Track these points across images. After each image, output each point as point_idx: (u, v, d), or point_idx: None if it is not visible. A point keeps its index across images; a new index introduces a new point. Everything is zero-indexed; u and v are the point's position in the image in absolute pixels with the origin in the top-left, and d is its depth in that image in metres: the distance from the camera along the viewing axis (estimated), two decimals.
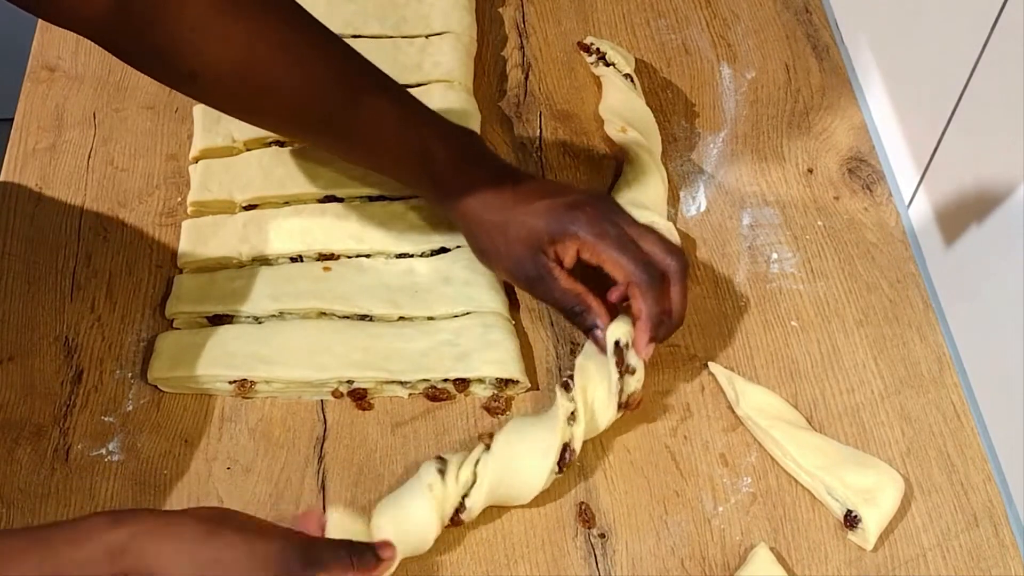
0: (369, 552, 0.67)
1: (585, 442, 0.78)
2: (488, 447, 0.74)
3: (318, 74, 0.79)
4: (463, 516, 0.73)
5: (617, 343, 0.76)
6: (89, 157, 0.93)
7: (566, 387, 0.76)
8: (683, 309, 0.78)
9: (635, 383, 0.77)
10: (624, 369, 0.76)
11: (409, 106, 0.82)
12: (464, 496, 0.73)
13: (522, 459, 0.74)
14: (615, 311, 0.78)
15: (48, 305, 0.85)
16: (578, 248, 0.77)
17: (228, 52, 0.76)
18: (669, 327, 0.78)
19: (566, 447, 0.74)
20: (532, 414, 0.78)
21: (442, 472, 0.72)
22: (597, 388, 0.76)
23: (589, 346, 0.79)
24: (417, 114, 0.82)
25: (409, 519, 0.72)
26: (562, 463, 0.75)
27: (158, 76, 0.81)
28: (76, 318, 0.84)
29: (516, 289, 0.87)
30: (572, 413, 0.75)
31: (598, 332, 0.77)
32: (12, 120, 0.95)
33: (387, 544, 0.69)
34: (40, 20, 1.02)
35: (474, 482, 0.73)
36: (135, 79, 0.98)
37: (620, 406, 0.77)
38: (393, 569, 0.69)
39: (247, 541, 0.63)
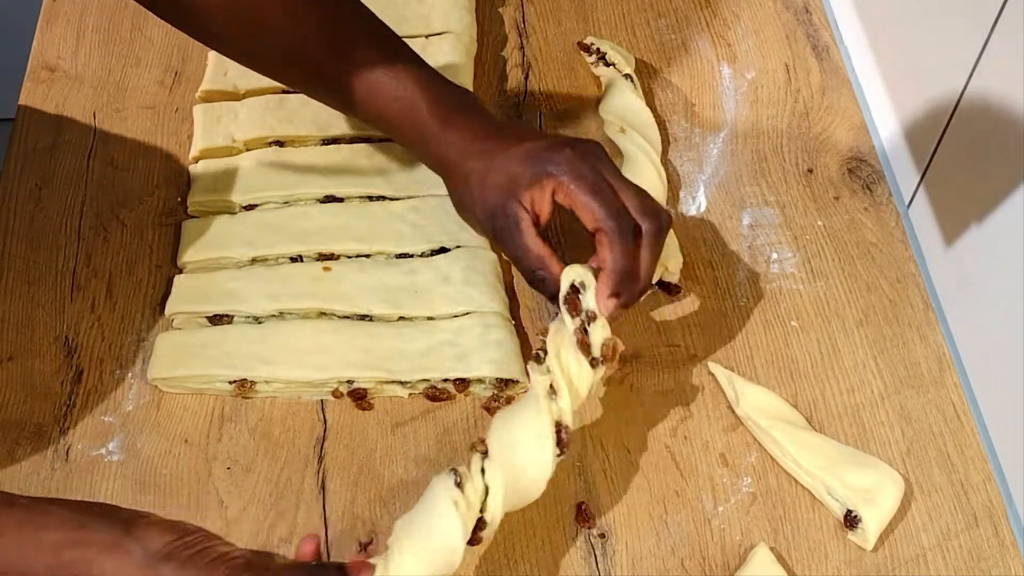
0: (335, 574, 0.64)
1: (585, 442, 0.78)
2: (485, 453, 0.69)
3: (311, 19, 0.79)
4: (483, 533, 0.67)
5: (573, 285, 0.72)
6: (89, 157, 0.93)
7: (537, 358, 0.72)
8: (650, 272, 0.74)
9: (600, 330, 0.71)
10: (584, 317, 0.71)
11: (402, 56, 0.81)
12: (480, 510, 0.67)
13: (522, 453, 0.69)
14: None
15: (48, 305, 0.85)
16: (553, 189, 0.74)
17: None
18: (632, 290, 0.73)
19: (559, 426, 0.70)
20: (513, 405, 0.73)
21: (460, 485, 0.67)
22: (570, 350, 0.71)
23: (559, 318, 0.74)
24: (409, 65, 0.81)
25: (438, 540, 0.66)
26: (561, 444, 0.70)
27: (159, 11, 0.82)
28: (76, 318, 0.84)
29: (516, 289, 0.87)
30: (551, 387, 0.70)
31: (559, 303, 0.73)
32: (12, 120, 0.95)
33: (364, 566, 0.64)
34: (40, 20, 1.02)
35: (486, 493, 0.68)
36: (135, 79, 0.99)
37: (595, 361, 0.71)
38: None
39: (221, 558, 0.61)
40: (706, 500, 0.77)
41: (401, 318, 0.83)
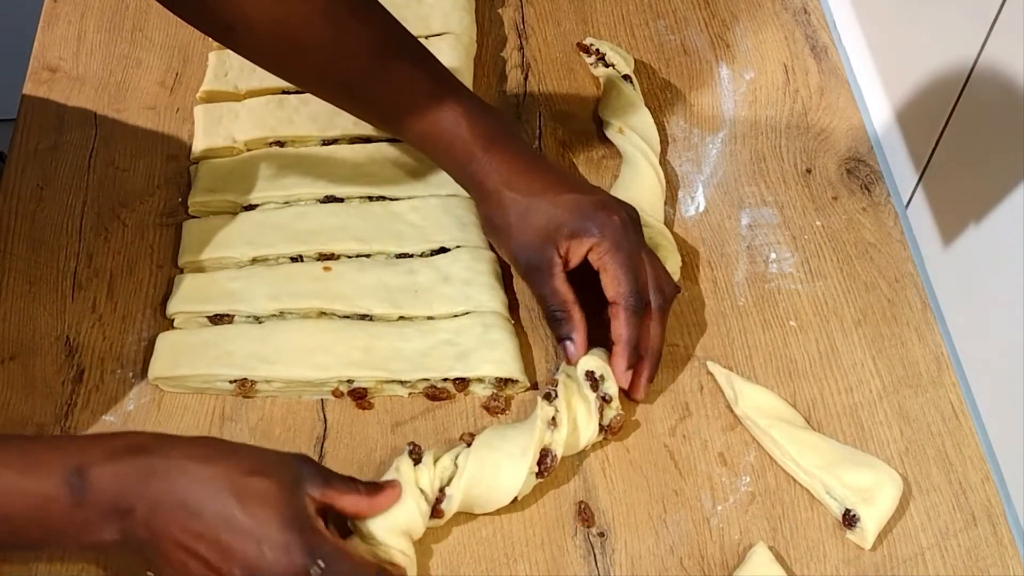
0: (375, 484, 0.71)
1: None
2: (469, 444, 0.75)
3: (351, 37, 0.80)
4: (443, 506, 0.73)
5: (592, 374, 0.78)
6: (90, 157, 0.93)
7: (548, 397, 0.77)
8: (659, 345, 0.80)
9: (614, 411, 0.78)
10: (601, 398, 0.77)
11: (442, 78, 0.83)
12: (443, 488, 0.73)
13: (500, 457, 0.74)
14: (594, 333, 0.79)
15: (49, 305, 0.85)
16: (591, 247, 0.78)
17: (266, 5, 0.77)
18: (650, 362, 0.79)
19: (546, 452, 0.75)
20: (515, 423, 0.79)
21: (414, 456, 0.73)
22: (580, 404, 0.77)
23: (567, 364, 0.80)
24: (450, 88, 0.82)
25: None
26: (543, 467, 0.75)
27: (196, 23, 0.83)
28: (77, 318, 0.84)
29: (516, 289, 0.87)
30: (553, 419, 0.76)
31: (570, 345, 0.79)
32: (14, 120, 0.95)
33: (393, 482, 0.71)
34: (41, 21, 1.02)
35: (454, 475, 0.74)
36: (136, 80, 0.99)
37: (601, 428, 0.77)
38: (400, 513, 0.71)
39: (262, 450, 0.68)
40: (705, 499, 0.77)
41: (401, 318, 0.84)
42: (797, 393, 0.82)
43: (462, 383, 0.81)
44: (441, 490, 0.73)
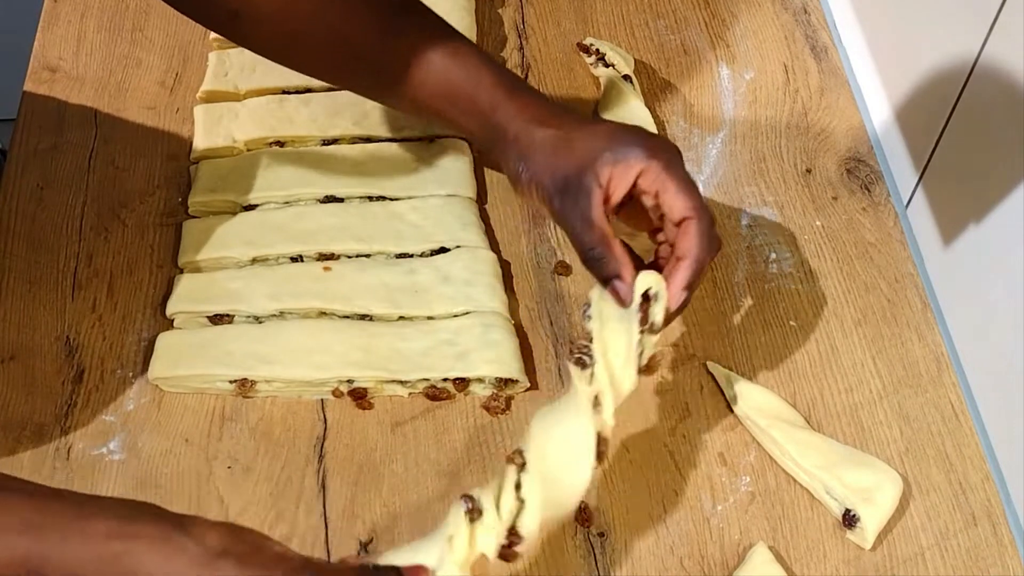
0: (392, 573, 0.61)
1: None
2: (523, 466, 0.65)
3: (360, 11, 0.79)
4: (520, 548, 0.63)
5: (646, 294, 0.69)
6: (90, 157, 0.93)
7: (581, 363, 0.68)
8: (706, 269, 0.72)
9: (654, 342, 0.69)
10: (646, 327, 0.69)
11: (454, 36, 0.80)
12: (513, 525, 0.64)
13: (560, 468, 0.66)
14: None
15: (49, 305, 0.85)
16: (639, 173, 0.71)
17: None
18: (699, 283, 0.71)
19: (600, 438, 0.66)
20: (551, 408, 0.69)
21: (471, 513, 0.63)
22: (617, 354, 0.68)
23: (603, 303, 0.70)
24: (463, 45, 0.80)
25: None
26: (600, 456, 0.66)
27: (200, 17, 0.82)
28: (77, 317, 0.84)
29: (515, 289, 0.87)
30: (596, 398, 0.67)
31: (619, 284, 0.69)
32: (14, 120, 0.96)
33: (420, 570, 0.61)
34: (41, 21, 1.02)
35: (520, 509, 0.64)
36: (136, 80, 0.99)
37: (640, 370, 0.69)
38: None
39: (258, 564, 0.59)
40: (705, 499, 0.77)
41: (401, 318, 0.84)
42: (797, 393, 0.82)
43: (462, 383, 0.81)
44: (513, 530, 0.63)
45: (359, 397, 0.81)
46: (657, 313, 0.69)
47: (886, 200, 0.93)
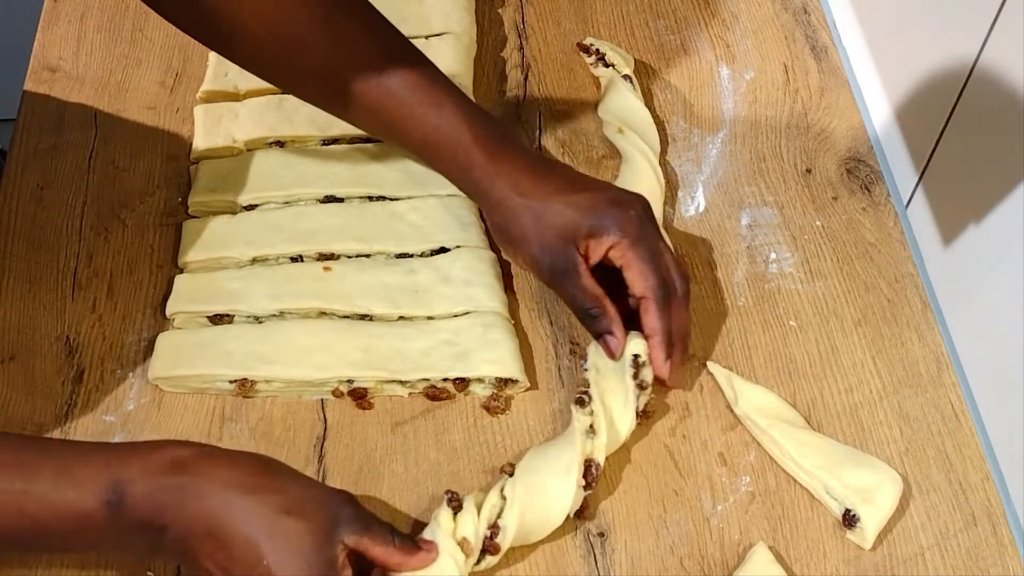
0: (408, 537, 0.69)
1: None
2: (511, 474, 0.74)
3: (350, 45, 0.80)
4: (498, 540, 0.72)
5: (636, 357, 0.77)
6: (90, 157, 0.93)
7: (581, 403, 0.76)
8: (688, 329, 0.80)
9: (644, 398, 0.78)
10: (639, 384, 0.77)
11: (442, 86, 0.82)
12: (496, 522, 0.72)
13: (546, 479, 0.73)
14: (628, 319, 0.79)
15: (49, 305, 0.85)
16: (611, 245, 0.78)
17: (264, 13, 0.77)
18: (681, 348, 0.79)
19: (590, 462, 0.74)
20: (551, 439, 0.78)
21: (453, 505, 0.72)
22: (614, 399, 0.77)
23: (597, 357, 0.79)
24: (450, 95, 0.82)
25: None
26: (589, 479, 0.74)
27: (194, 33, 0.83)
28: (77, 318, 0.84)
29: (515, 289, 0.87)
30: (591, 426, 0.75)
31: (611, 339, 0.78)
32: (14, 120, 0.96)
33: (430, 542, 0.70)
34: (41, 21, 1.02)
35: (502, 507, 0.72)
36: (136, 80, 0.99)
37: (637, 414, 0.77)
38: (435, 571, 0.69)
39: (301, 482, 0.68)
40: (705, 499, 0.77)
41: (401, 318, 0.84)
42: (797, 393, 0.82)
43: (462, 383, 0.81)
44: (494, 525, 0.72)
45: (359, 397, 0.81)
46: (646, 375, 0.77)
47: (886, 200, 0.93)
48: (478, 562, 0.72)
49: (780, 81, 1.01)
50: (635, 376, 0.77)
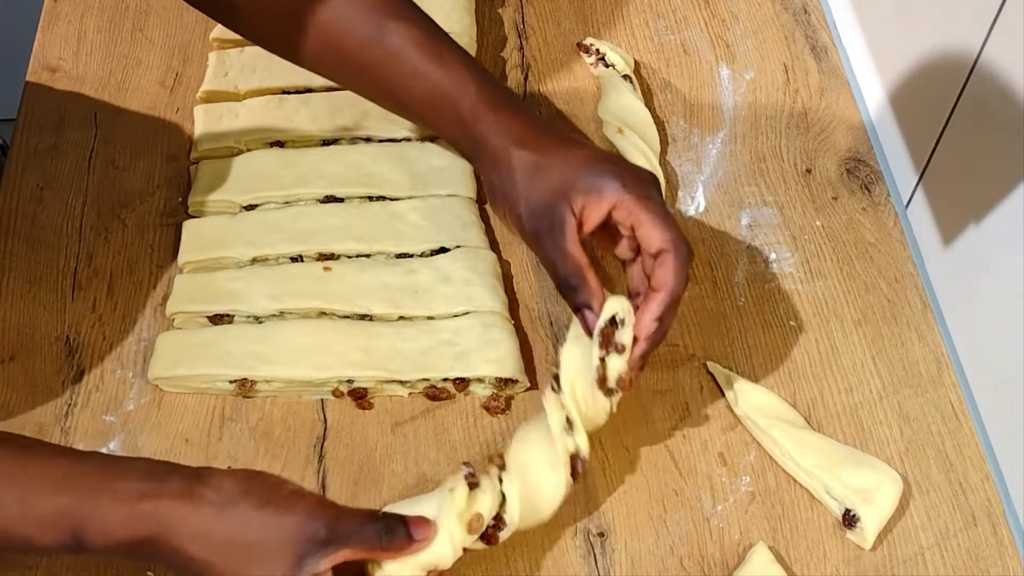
0: (401, 528, 0.66)
1: None
2: (502, 467, 0.71)
3: (349, 5, 0.79)
4: (501, 533, 0.69)
5: (613, 318, 0.70)
6: (90, 157, 0.93)
7: (553, 389, 0.72)
8: (681, 300, 0.73)
9: (620, 363, 0.70)
10: (611, 348, 0.70)
11: (447, 45, 0.81)
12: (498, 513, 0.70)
13: (539, 475, 0.70)
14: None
15: (49, 305, 0.85)
16: (613, 206, 0.72)
17: None
18: (672, 317, 0.72)
19: (575, 457, 0.70)
20: (533, 422, 0.73)
21: (471, 480, 0.68)
22: (586, 384, 0.71)
23: (573, 335, 0.73)
24: (455, 54, 0.80)
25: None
26: (575, 474, 0.71)
27: (201, 6, 0.83)
28: (77, 318, 0.84)
29: (515, 289, 0.87)
30: (567, 420, 0.71)
31: (589, 313, 0.71)
32: (14, 120, 0.96)
33: (423, 521, 0.66)
34: (41, 21, 1.02)
35: (503, 500, 0.70)
36: (136, 80, 0.99)
37: (610, 391, 0.71)
38: (428, 552, 0.66)
39: (265, 518, 0.63)
40: (705, 499, 0.77)
41: (401, 318, 0.84)
42: (797, 393, 0.82)
43: (462, 383, 0.81)
44: (498, 516, 0.69)
45: (359, 397, 0.81)
46: (623, 336, 0.70)
47: (886, 200, 0.93)
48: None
49: (780, 81, 1.01)
50: (607, 342, 0.70)
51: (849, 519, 0.75)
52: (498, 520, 0.69)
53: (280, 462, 0.79)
